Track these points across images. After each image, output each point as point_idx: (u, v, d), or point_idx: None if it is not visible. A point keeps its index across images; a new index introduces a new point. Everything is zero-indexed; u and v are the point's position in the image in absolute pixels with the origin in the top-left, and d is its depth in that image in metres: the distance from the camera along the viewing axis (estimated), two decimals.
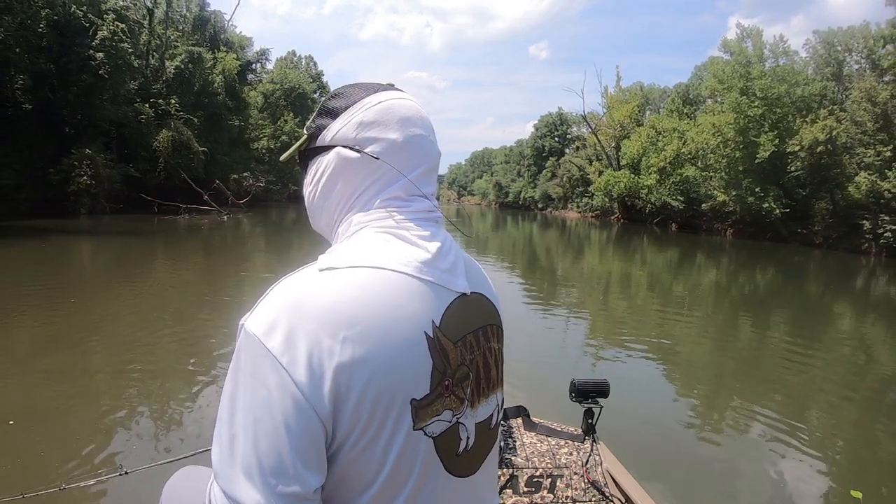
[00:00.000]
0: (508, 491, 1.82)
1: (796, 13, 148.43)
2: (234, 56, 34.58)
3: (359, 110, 0.73)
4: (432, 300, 0.66)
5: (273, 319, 0.59)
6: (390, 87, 0.76)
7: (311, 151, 0.76)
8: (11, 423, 3.46)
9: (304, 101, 45.72)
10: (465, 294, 0.71)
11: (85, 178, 19.98)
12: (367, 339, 0.60)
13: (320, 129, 0.75)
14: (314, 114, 0.78)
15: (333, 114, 0.74)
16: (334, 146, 0.73)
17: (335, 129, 0.73)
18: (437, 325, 0.65)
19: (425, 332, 0.64)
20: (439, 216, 0.76)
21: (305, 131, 0.78)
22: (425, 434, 0.64)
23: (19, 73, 18.70)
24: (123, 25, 22.34)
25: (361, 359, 0.59)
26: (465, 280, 0.73)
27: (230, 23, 38.33)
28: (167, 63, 27.79)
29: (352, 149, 0.72)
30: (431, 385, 0.64)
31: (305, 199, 0.80)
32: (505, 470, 1.84)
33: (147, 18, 27.96)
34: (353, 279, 0.63)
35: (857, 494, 3.13)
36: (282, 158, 0.81)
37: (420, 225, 0.72)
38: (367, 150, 0.71)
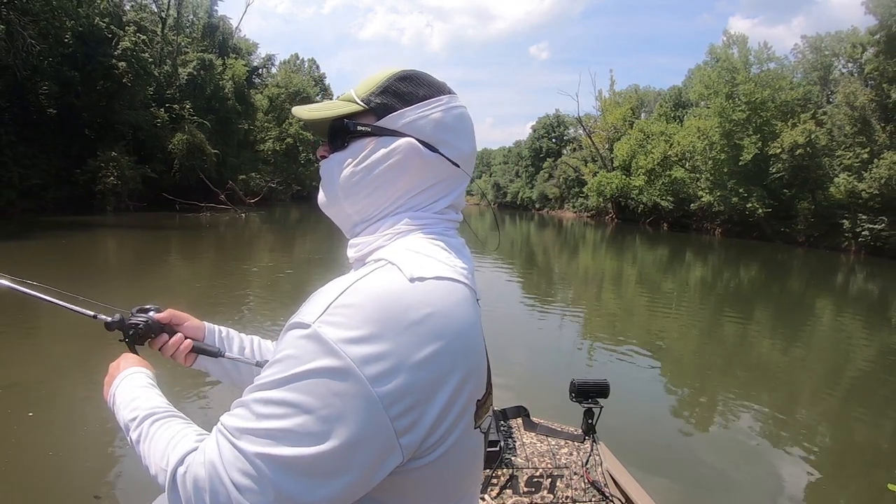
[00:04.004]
0: (508, 491, 1.74)
1: (797, 14, 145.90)
2: (243, 62, 34.49)
3: (437, 107, 0.66)
4: (478, 308, 0.64)
5: (366, 333, 0.50)
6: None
7: (364, 128, 0.65)
8: (31, 414, 3.39)
9: (308, 103, 45.45)
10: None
11: (111, 178, 20.42)
12: (467, 357, 0.56)
13: (386, 108, 0.65)
14: (373, 87, 0.66)
15: (405, 98, 0.65)
16: (406, 135, 0.64)
17: (409, 118, 0.65)
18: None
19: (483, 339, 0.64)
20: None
21: (358, 100, 0.66)
22: (480, 430, 0.64)
23: (44, 80, 18.96)
24: (144, 37, 22.70)
25: (462, 379, 0.55)
26: None
27: (237, 29, 38.25)
28: (180, 69, 27.83)
29: (427, 146, 0.65)
30: (488, 386, 0.63)
31: (334, 178, 0.68)
32: (505, 470, 1.77)
33: (160, 26, 28.00)
34: (444, 293, 0.56)
35: (895, 488, 2.92)
36: (306, 114, 0.69)
37: (454, 233, 0.70)
38: (443, 153, 0.66)
